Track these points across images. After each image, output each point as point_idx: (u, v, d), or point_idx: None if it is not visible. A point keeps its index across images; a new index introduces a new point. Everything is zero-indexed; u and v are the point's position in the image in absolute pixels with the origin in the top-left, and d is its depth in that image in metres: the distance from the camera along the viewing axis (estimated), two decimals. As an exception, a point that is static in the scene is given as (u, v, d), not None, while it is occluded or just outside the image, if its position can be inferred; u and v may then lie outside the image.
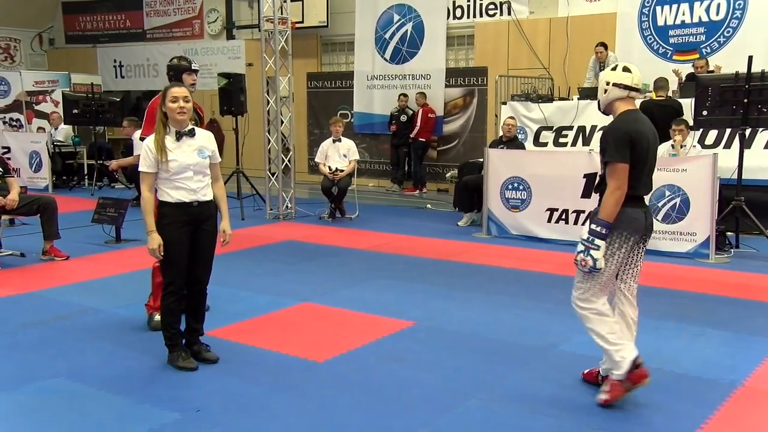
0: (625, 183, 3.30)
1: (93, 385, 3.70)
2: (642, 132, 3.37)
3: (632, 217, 3.37)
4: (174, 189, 3.82)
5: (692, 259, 6.67)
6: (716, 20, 9.59)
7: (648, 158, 3.39)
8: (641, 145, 3.34)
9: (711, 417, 3.35)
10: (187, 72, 4.63)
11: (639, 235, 3.44)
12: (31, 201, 6.68)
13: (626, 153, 3.31)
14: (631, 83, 3.44)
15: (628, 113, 3.45)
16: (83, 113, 12.23)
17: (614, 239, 3.39)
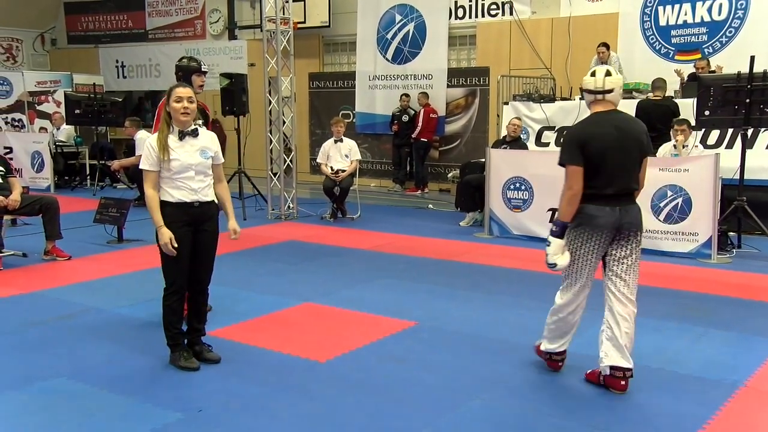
0: (576, 183, 3.49)
1: (95, 385, 3.70)
2: (595, 133, 3.50)
3: (592, 214, 3.49)
4: (175, 189, 3.83)
5: (694, 260, 6.67)
6: (718, 20, 9.58)
7: (606, 157, 3.47)
8: (593, 146, 3.47)
9: (713, 417, 3.35)
10: (196, 73, 4.65)
11: (604, 231, 3.51)
12: (33, 201, 6.69)
13: (575, 155, 3.48)
14: (594, 87, 3.57)
15: (591, 116, 3.62)
16: (85, 113, 12.25)
17: (576, 236, 3.56)
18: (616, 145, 3.49)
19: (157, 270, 6.22)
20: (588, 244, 3.54)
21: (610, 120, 3.56)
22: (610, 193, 3.50)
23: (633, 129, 3.60)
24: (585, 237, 3.54)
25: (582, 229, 3.54)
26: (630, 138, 3.54)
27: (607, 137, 3.49)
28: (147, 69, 15.76)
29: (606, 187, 3.49)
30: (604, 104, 3.60)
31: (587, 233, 3.53)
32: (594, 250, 3.56)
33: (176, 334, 3.96)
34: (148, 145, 3.84)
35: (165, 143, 3.80)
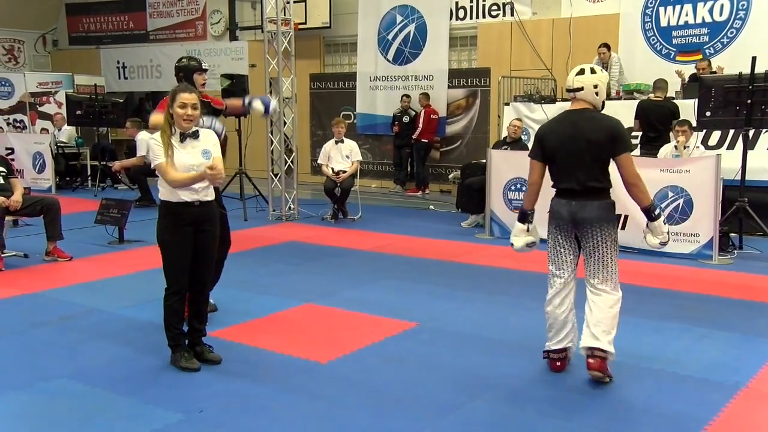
0: (532, 175, 3.81)
1: (96, 386, 3.70)
2: (552, 130, 3.76)
3: (553, 207, 3.78)
4: (176, 188, 3.83)
5: (695, 261, 6.66)
6: (720, 21, 9.57)
7: (557, 153, 3.69)
8: (547, 142, 3.73)
9: (714, 419, 3.34)
10: (198, 72, 4.64)
11: (563, 223, 3.73)
12: (35, 202, 6.69)
13: (536, 150, 3.79)
14: (571, 86, 3.73)
15: (560, 113, 3.86)
16: (86, 114, 12.25)
17: (549, 229, 3.83)
18: (567, 143, 3.67)
19: (158, 270, 6.22)
20: (556, 235, 3.80)
21: (572, 118, 3.72)
22: (564, 187, 3.73)
23: (589, 128, 3.63)
24: (552, 229, 3.81)
25: (549, 222, 3.81)
26: (581, 137, 3.63)
27: (561, 134, 3.70)
28: (148, 70, 15.77)
29: (560, 181, 3.75)
30: (576, 102, 3.75)
31: (553, 225, 3.80)
32: (562, 242, 3.78)
33: (177, 335, 3.96)
34: (153, 140, 3.84)
35: (169, 142, 3.80)
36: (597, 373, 3.66)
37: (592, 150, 3.62)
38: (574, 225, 3.72)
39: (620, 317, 4.90)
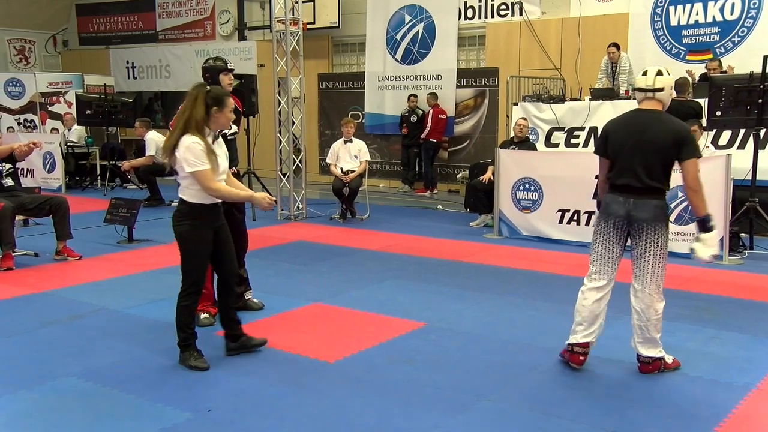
0: (600, 172, 3.88)
1: (106, 385, 3.72)
2: (618, 127, 3.80)
3: (607, 202, 3.80)
4: (203, 190, 3.83)
5: (706, 261, 6.61)
6: (731, 20, 9.50)
7: (622, 150, 3.71)
8: (612, 139, 3.78)
9: (725, 420, 3.32)
10: (224, 72, 4.69)
11: (613, 219, 3.74)
12: (44, 201, 6.73)
13: (601, 146, 3.85)
14: (644, 85, 3.77)
15: (630, 111, 3.84)
16: (96, 114, 12.32)
17: (597, 223, 3.87)
18: (632, 141, 3.69)
19: (167, 270, 6.27)
20: (605, 230, 3.79)
21: (642, 118, 3.74)
22: (622, 183, 3.72)
23: (657, 129, 3.65)
24: (602, 223, 3.81)
25: (600, 216, 3.83)
26: (649, 138, 3.66)
27: (627, 132, 3.72)
28: (157, 70, 15.83)
29: (619, 177, 3.74)
30: (649, 102, 3.76)
31: (603, 220, 3.80)
32: (611, 238, 3.78)
33: (190, 335, 3.97)
34: (196, 146, 3.73)
35: (211, 148, 3.81)
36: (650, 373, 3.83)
37: (658, 152, 3.64)
38: (629, 223, 3.72)
39: (631, 318, 4.90)
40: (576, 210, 7.43)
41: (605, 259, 3.80)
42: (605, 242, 3.79)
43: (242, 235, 4.97)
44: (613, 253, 3.80)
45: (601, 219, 3.81)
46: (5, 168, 6.64)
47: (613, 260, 3.81)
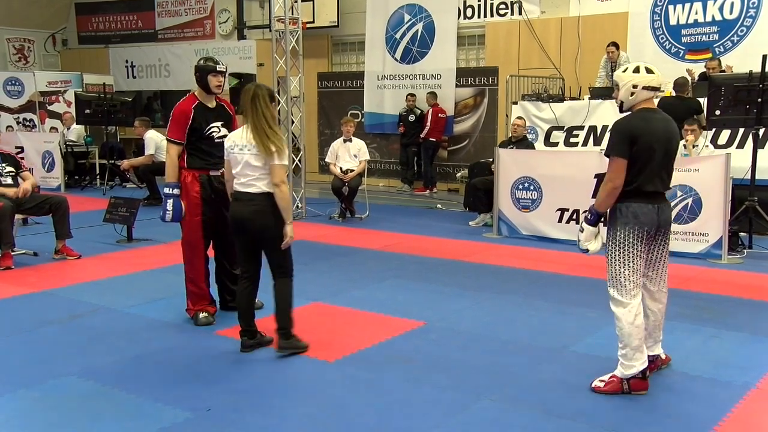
0: (618, 177, 3.44)
1: (105, 384, 3.72)
2: (646, 129, 3.46)
3: (638, 212, 3.47)
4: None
5: (704, 260, 6.63)
6: (730, 19, 9.51)
7: (654, 155, 3.45)
8: (643, 142, 3.42)
9: (724, 419, 3.33)
10: (212, 73, 4.64)
11: (648, 228, 3.50)
12: (44, 200, 6.72)
13: (624, 148, 3.42)
14: (657, 85, 3.55)
15: (640, 111, 3.54)
16: (95, 113, 12.32)
17: (626, 235, 3.49)
18: (661, 144, 3.48)
19: (166, 269, 6.28)
20: (639, 242, 3.50)
21: (657, 118, 3.57)
22: (651, 190, 3.49)
23: (674, 130, 3.62)
24: (633, 235, 3.49)
25: (631, 227, 3.48)
26: (673, 138, 3.57)
27: (655, 134, 3.47)
28: (156, 69, 15.82)
29: (648, 184, 3.48)
30: (650, 102, 3.60)
31: (635, 231, 3.48)
32: (643, 248, 3.52)
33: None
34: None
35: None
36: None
37: (675, 151, 3.60)
38: (657, 229, 3.55)
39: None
40: (575, 209, 7.43)
41: (639, 271, 3.53)
42: (638, 253, 3.50)
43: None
44: (642, 263, 3.56)
45: (628, 230, 3.48)
46: (4, 168, 6.64)
47: (642, 271, 3.58)
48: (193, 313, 4.73)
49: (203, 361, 4.08)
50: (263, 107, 3.99)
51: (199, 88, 4.70)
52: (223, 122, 4.76)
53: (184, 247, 4.74)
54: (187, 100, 4.68)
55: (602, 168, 7.06)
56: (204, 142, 4.65)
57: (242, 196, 4.05)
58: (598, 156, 7.30)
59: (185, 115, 4.58)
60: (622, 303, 3.54)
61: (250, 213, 4.01)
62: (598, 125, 9.00)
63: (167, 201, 4.56)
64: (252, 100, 3.99)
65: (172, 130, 4.61)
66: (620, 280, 3.53)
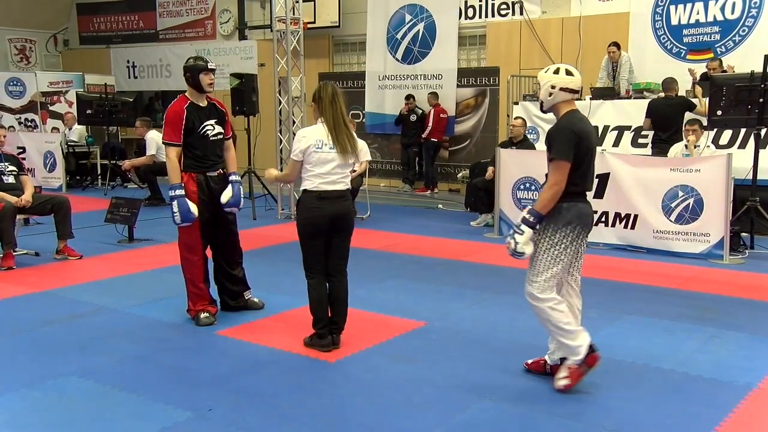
0: (564, 179, 3.47)
1: (106, 384, 3.72)
2: (587, 131, 3.57)
3: (583, 212, 3.57)
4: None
5: (706, 260, 6.62)
6: (731, 19, 9.50)
7: (591, 156, 3.57)
8: (585, 144, 3.50)
9: (725, 419, 3.32)
10: (204, 72, 4.63)
11: (588, 228, 3.62)
12: (45, 201, 6.74)
13: (571, 151, 3.47)
14: (576, 87, 3.60)
15: (573, 113, 3.61)
16: (97, 113, 12.33)
17: (567, 233, 3.54)
18: (595, 145, 3.62)
19: (167, 269, 6.29)
20: (579, 240, 3.59)
21: (586, 119, 3.67)
22: (589, 190, 3.63)
23: (594, 131, 3.78)
24: (575, 233, 3.55)
25: (573, 226, 3.53)
26: (596, 139, 3.68)
27: (591, 136, 3.60)
28: (158, 69, 15.83)
29: (589, 184, 3.60)
30: (573, 104, 3.64)
31: (578, 230, 3.56)
32: (578, 248, 3.61)
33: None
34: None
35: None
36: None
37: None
38: (589, 227, 3.64)
39: (631, 317, 4.92)
40: (576, 209, 7.42)
41: (571, 267, 3.62)
42: (575, 251, 3.58)
43: (235, 236, 4.97)
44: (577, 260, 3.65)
45: (568, 229, 3.51)
46: (7, 167, 6.65)
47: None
48: (194, 313, 4.73)
49: (204, 361, 4.08)
50: (342, 106, 4.12)
51: (190, 88, 4.70)
52: (216, 120, 4.77)
53: (181, 248, 4.73)
54: (178, 101, 4.67)
55: (603, 168, 7.12)
56: (199, 142, 4.65)
57: (332, 194, 4.06)
58: (599, 156, 7.28)
59: (178, 116, 4.58)
60: (543, 300, 3.57)
61: (347, 209, 4.17)
62: (600, 125, 8.99)
63: (172, 203, 4.56)
64: (332, 99, 4.09)
65: (167, 133, 4.60)
66: (546, 276, 3.55)
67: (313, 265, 4.20)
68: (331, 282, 4.22)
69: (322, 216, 4.07)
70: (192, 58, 4.77)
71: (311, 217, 4.08)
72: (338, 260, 4.23)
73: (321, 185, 4.05)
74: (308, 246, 4.17)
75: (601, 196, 7.18)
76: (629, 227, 7.10)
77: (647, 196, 6.95)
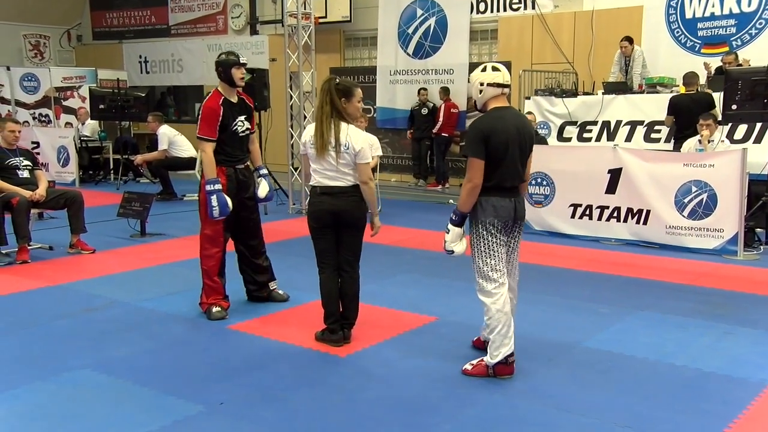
0: (476, 176, 3.59)
1: (120, 377, 3.75)
2: (499, 127, 3.61)
3: (497, 205, 3.65)
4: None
5: (720, 256, 6.57)
6: (748, 12, 9.37)
7: (507, 151, 3.60)
8: (496, 140, 3.57)
9: (739, 416, 3.30)
10: (236, 66, 4.68)
11: (506, 220, 3.68)
12: (59, 195, 6.79)
13: (480, 149, 3.57)
14: (503, 81, 3.69)
15: (493, 110, 3.69)
16: (109, 108, 12.39)
17: (486, 226, 3.68)
18: (514, 140, 3.62)
19: (179, 263, 6.32)
20: (499, 233, 3.68)
21: (509, 116, 3.71)
22: (508, 185, 3.66)
23: (527, 125, 3.79)
24: (492, 227, 3.67)
25: (490, 221, 3.66)
26: (526, 134, 3.71)
27: (507, 132, 3.61)
28: (170, 64, 15.89)
29: (505, 179, 3.64)
30: (502, 99, 3.73)
31: (496, 223, 3.66)
32: (503, 240, 3.71)
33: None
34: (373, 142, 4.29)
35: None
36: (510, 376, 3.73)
37: (529, 147, 3.73)
38: (514, 222, 3.73)
39: (644, 313, 4.89)
40: (588, 205, 7.39)
41: (502, 261, 3.71)
42: (498, 245, 3.68)
43: (258, 225, 5.01)
44: (504, 254, 3.72)
45: (487, 222, 3.65)
46: (22, 162, 6.71)
47: (505, 261, 3.74)
48: (206, 307, 4.75)
49: (216, 355, 4.11)
50: (326, 101, 4.14)
51: (222, 83, 4.72)
52: (246, 116, 4.84)
53: (202, 239, 4.77)
54: (213, 97, 4.70)
55: (615, 163, 7.08)
56: (231, 138, 4.72)
57: (332, 190, 4.12)
58: (611, 151, 7.26)
59: (215, 113, 4.62)
60: (489, 293, 3.71)
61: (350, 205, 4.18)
62: (612, 120, 8.93)
63: (210, 198, 4.58)
64: (320, 94, 4.18)
65: (203, 128, 4.62)
66: (485, 270, 3.70)
67: (323, 260, 4.22)
68: (342, 277, 4.23)
69: (324, 211, 4.11)
70: (224, 53, 4.82)
71: (314, 212, 4.16)
72: (347, 255, 4.23)
73: (322, 180, 4.10)
74: (316, 240, 4.21)
75: (613, 192, 7.14)
76: (642, 223, 7.05)
77: (660, 191, 6.90)
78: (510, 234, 3.75)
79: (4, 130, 6.69)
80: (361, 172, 4.06)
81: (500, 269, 3.70)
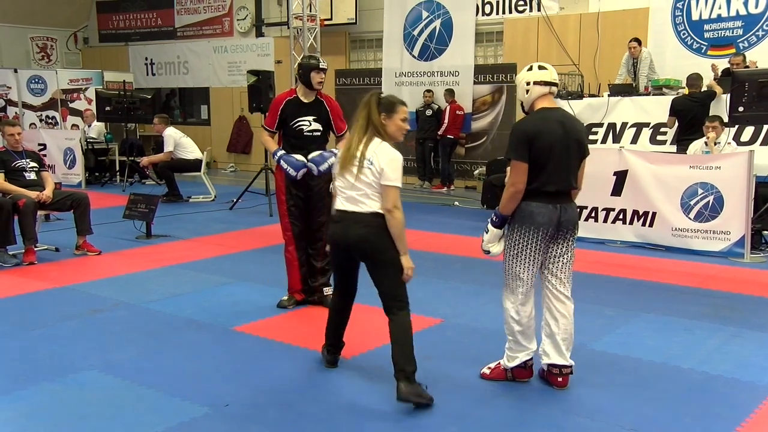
0: (519, 180, 3.43)
1: (125, 378, 3.76)
2: (543, 129, 3.44)
3: (536, 211, 3.46)
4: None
5: (726, 258, 6.54)
6: (755, 13, 9.34)
7: (551, 154, 3.42)
8: (540, 142, 3.41)
9: (746, 420, 3.28)
10: (315, 70, 4.84)
11: (547, 228, 3.48)
12: (65, 197, 6.81)
13: (523, 151, 3.41)
14: (550, 79, 3.55)
15: (539, 111, 3.53)
16: (115, 110, 12.44)
17: (522, 234, 3.51)
18: (560, 143, 3.44)
19: (185, 265, 6.33)
20: (535, 239, 3.49)
21: (556, 117, 3.53)
22: (552, 190, 3.47)
23: (576, 127, 3.59)
24: (530, 234, 3.49)
25: (526, 228, 3.49)
26: (573, 136, 3.51)
27: (553, 134, 3.44)
28: (175, 66, 15.94)
29: (548, 184, 3.45)
30: (549, 99, 3.58)
31: (532, 231, 3.48)
32: (540, 246, 3.51)
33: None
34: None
35: None
36: (563, 388, 3.62)
37: (580, 150, 3.55)
38: (556, 229, 3.50)
39: (650, 315, 4.87)
40: (594, 207, 7.37)
41: (533, 268, 3.54)
42: (532, 251, 3.50)
43: (321, 225, 4.98)
44: (538, 261, 3.54)
45: (524, 227, 3.48)
46: (29, 164, 6.74)
47: (537, 268, 3.56)
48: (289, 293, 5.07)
49: (222, 356, 4.11)
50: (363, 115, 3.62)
51: (301, 84, 4.93)
52: (315, 117, 4.90)
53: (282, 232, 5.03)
54: (284, 92, 5.03)
55: (621, 165, 7.05)
56: (293, 133, 4.89)
57: (346, 216, 3.61)
58: (617, 153, 7.24)
59: (276, 106, 4.91)
60: (509, 298, 3.61)
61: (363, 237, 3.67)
62: (618, 122, 8.90)
63: (280, 163, 4.79)
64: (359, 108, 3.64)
65: (266, 118, 5.01)
66: (512, 275, 3.59)
67: (335, 279, 3.94)
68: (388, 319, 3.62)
69: (332, 243, 3.64)
70: (306, 56, 5.05)
71: (328, 239, 3.71)
72: (382, 298, 3.60)
73: (338, 203, 3.58)
74: (331, 257, 3.81)
75: (619, 194, 7.12)
76: (647, 225, 7.03)
77: (666, 193, 6.88)
78: (553, 241, 3.54)
79: (5, 134, 6.73)
80: (385, 197, 3.48)
81: (523, 278, 3.54)
